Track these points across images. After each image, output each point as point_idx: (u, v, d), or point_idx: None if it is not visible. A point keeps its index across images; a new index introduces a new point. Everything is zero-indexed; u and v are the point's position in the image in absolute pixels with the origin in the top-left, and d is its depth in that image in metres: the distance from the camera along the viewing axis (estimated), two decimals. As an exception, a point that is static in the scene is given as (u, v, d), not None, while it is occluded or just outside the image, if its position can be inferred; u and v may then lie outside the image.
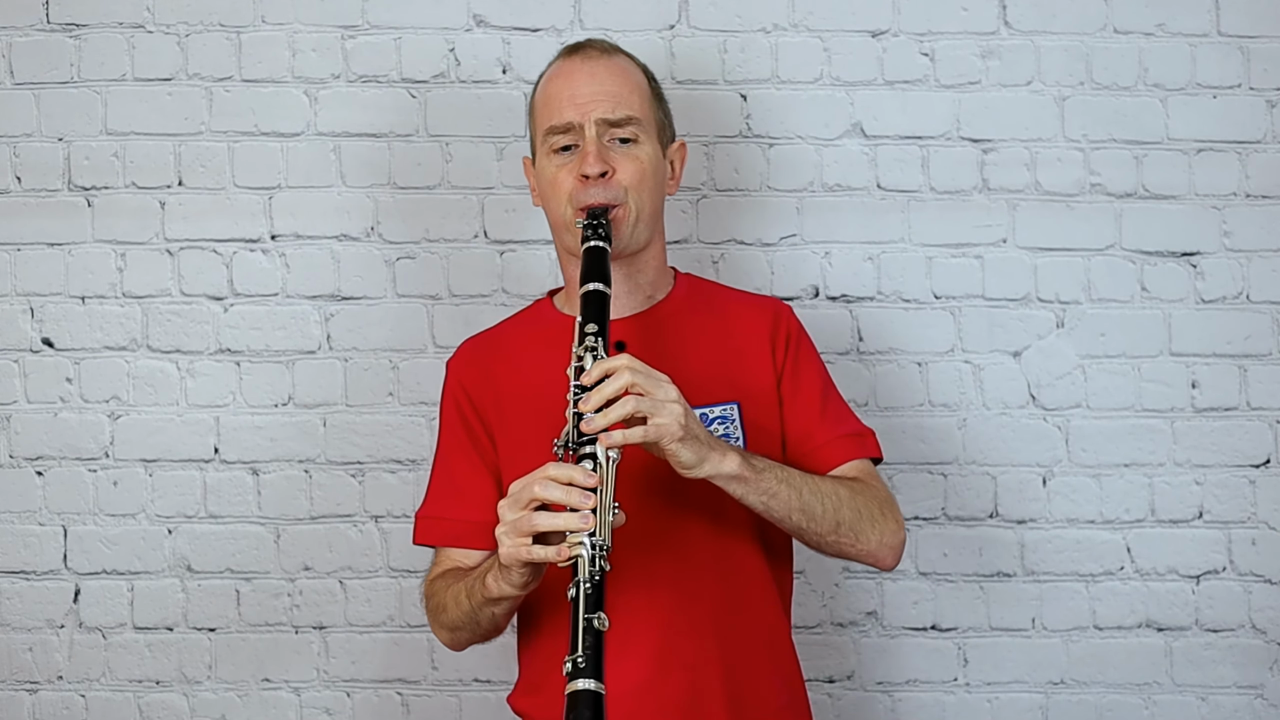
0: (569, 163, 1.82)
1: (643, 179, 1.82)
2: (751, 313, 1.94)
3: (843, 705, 2.47)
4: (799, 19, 2.51)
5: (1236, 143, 2.50)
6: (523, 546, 1.55)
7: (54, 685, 2.47)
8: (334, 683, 2.48)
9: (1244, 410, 2.50)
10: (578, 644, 1.45)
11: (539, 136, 1.86)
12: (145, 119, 2.49)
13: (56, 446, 2.48)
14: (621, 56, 1.88)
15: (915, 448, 2.49)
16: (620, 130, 1.81)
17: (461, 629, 1.80)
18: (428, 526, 1.91)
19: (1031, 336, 2.50)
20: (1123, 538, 2.50)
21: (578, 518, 1.51)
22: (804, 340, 1.95)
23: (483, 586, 1.68)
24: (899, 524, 1.82)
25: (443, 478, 1.92)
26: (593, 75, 1.82)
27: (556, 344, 1.85)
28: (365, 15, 2.50)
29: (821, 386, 1.92)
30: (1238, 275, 2.50)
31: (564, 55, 1.89)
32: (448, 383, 1.94)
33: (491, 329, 2.01)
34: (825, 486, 1.76)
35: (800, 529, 1.74)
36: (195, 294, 2.49)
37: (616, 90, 1.82)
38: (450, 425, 1.92)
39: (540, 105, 1.87)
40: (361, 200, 2.50)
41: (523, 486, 1.56)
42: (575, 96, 1.81)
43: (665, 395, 1.58)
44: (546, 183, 1.85)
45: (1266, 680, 2.49)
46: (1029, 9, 2.51)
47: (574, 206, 1.80)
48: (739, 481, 1.66)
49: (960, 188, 2.51)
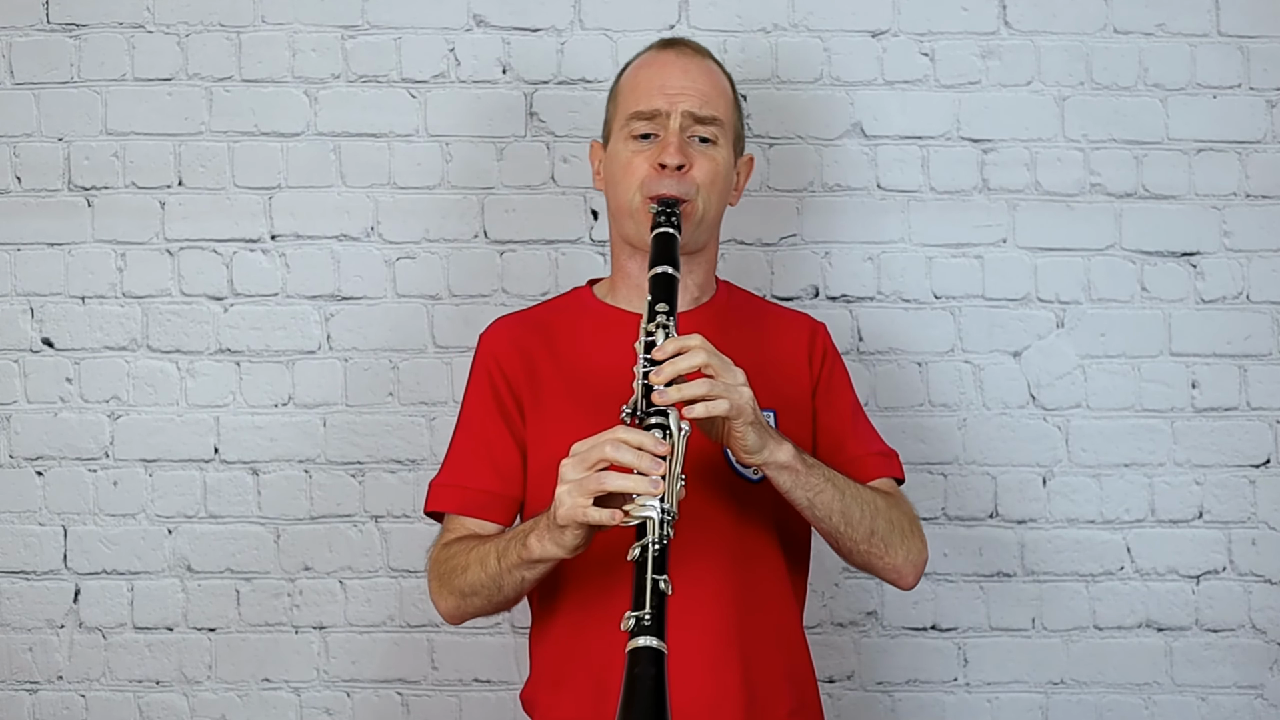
0: (646, 150, 1.81)
1: (715, 180, 1.83)
2: (789, 326, 1.96)
3: (843, 705, 2.47)
4: (799, 19, 2.51)
5: (1236, 143, 2.51)
6: (582, 508, 1.52)
7: (54, 685, 2.47)
8: (334, 683, 2.48)
9: (1244, 410, 2.50)
10: (644, 601, 1.43)
11: (619, 120, 1.86)
12: (145, 119, 2.49)
13: (56, 446, 2.48)
14: (712, 60, 1.89)
15: (915, 448, 2.49)
16: (703, 128, 1.82)
17: (477, 594, 1.74)
18: (445, 494, 1.86)
19: (1031, 336, 2.50)
20: (1123, 538, 2.50)
21: (648, 482, 1.50)
22: (839, 359, 1.97)
23: (521, 547, 1.63)
24: (924, 544, 1.85)
25: (466, 445, 1.87)
26: (686, 70, 1.83)
27: (598, 332, 1.86)
28: (365, 15, 2.50)
29: (854, 404, 1.96)
30: (1238, 275, 2.50)
31: (657, 47, 1.89)
32: (480, 353, 1.90)
33: (527, 310, 1.99)
34: (865, 494, 1.77)
35: (837, 531, 1.75)
36: (195, 294, 2.49)
37: (706, 89, 1.83)
38: (480, 394, 1.87)
39: (627, 90, 1.86)
40: (361, 200, 2.50)
41: (591, 446, 1.54)
42: (666, 86, 1.81)
43: (735, 379, 1.60)
44: (619, 166, 1.84)
45: (1266, 680, 2.49)
46: (1029, 9, 2.51)
47: (644, 194, 1.80)
48: (790, 472, 1.67)
49: (960, 188, 2.51)
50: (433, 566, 1.82)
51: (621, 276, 1.91)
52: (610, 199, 1.89)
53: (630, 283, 1.89)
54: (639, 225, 1.81)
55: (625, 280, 1.90)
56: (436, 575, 1.81)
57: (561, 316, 1.93)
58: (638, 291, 1.84)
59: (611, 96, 1.92)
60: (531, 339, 1.89)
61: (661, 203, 1.77)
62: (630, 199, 1.82)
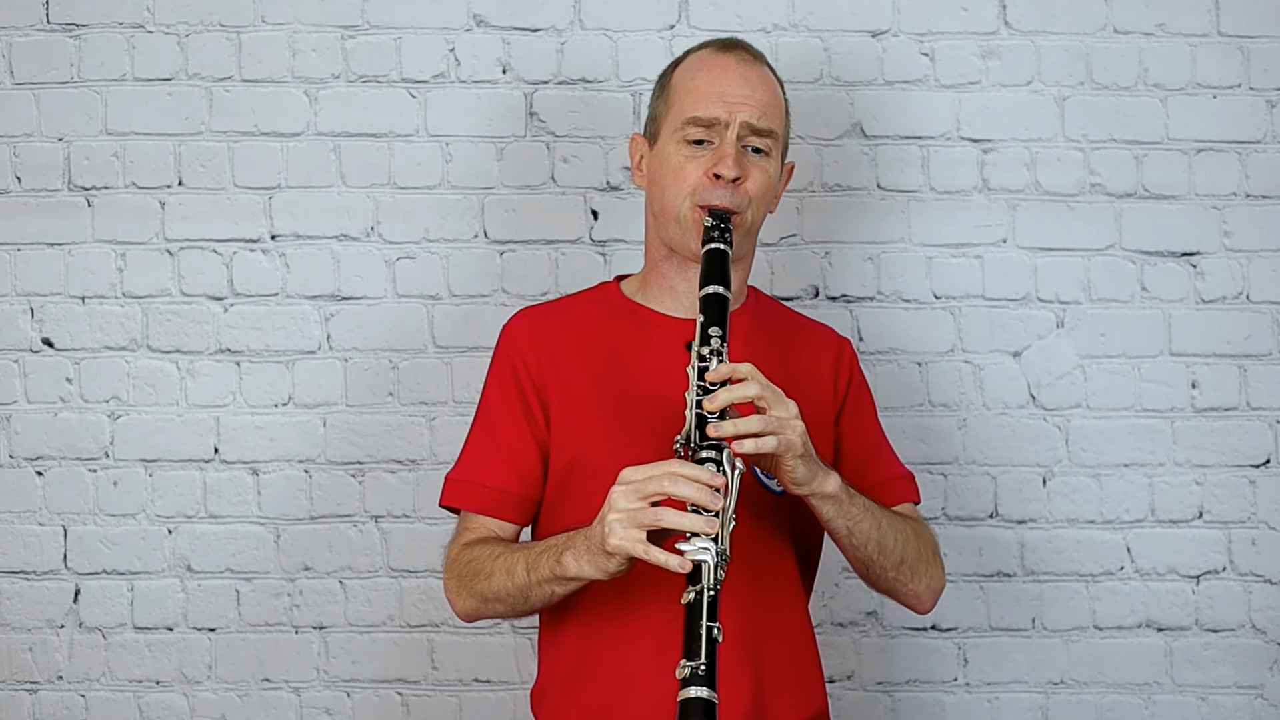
0: (700, 156, 1.77)
1: (765, 192, 1.80)
2: (816, 341, 1.94)
3: (843, 705, 2.47)
4: (799, 19, 2.51)
5: (1236, 143, 2.51)
6: (639, 542, 1.49)
7: (54, 685, 2.47)
8: (334, 683, 2.48)
9: (1244, 410, 2.50)
10: (698, 650, 1.43)
11: (672, 121, 1.81)
12: (145, 119, 2.49)
13: (56, 446, 2.48)
14: (769, 67, 1.85)
15: (915, 448, 2.49)
16: (758, 139, 1.78)
17: (501, 601, 1.72)
18: (461, 490, 1.82)
19: (1031, 336, 2.50)
20: (1123, 538, 2.50)
21: (704, 521, 1.48)
22: (864, 380, 1.97)
23: (554, 563, 1.60)
24: (943, 571, 1.87)
25: (485, 442, 1.83)
26: (745, 78, 1.79)
27: (628, 332, 1.84)
28: (365, 15, 2.50)
29: (877, 430, 1.96)
30: (1238, 275, 2.50)
31: (715, 49, 1.84)
32: (503, 345, 1.86)
33: (553, 303, 1.95)
34: (898, 523, 1.78)
35: (869, 559, 1.75)
36: (195, 294, 2.49)
37: (765, 100, 1.79)
38: (502, 388, 1.83)
39: (684, 92, 1.81)
40: (361, 200, 2.50)
41: (646, 477, 1.50)
42: (726, 94, 1.77)
43: (788, 412, 1.58)
44: (670, 170, 1.79)
45: (1266, 680, 2.49)
46: (1029, 9, 2.51)
47: (695, 201, 1.77)
48: (834, 502, 1.67)
49: (960, 188, 2.51)
50: (451, 565, 1.79)
51: (656, 276, 1.88)
52: (655, 199, 1.84)
53: (665, 284, 1.86)
54: (685, 231, 1.79)
55: (659, 281, 1.87)
56: (456, 574, 1.77)
57: (589, 312, 1.89)
58: (671, 294, 1.85)
59: (662, 93, 1.86)
60: (558, 334, 1.84)
61: (714, 215, 1.74)
62: (679, 205, 1.78)
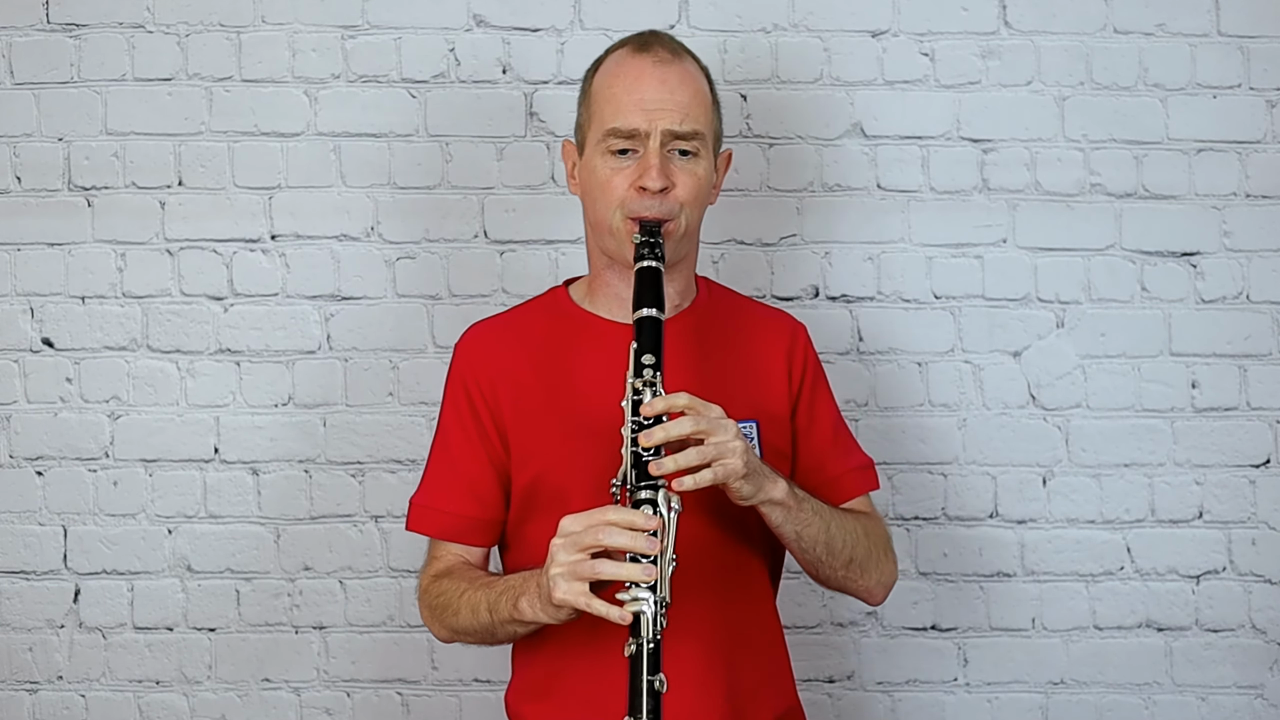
0: (625, 167, 1.74)
1: (697, 195, 1.77)
2: (770, 330, 1.92)
3: (843, 705, 2.47)
4: (799, 19, 2.51)
5: (1236, 143, 2.50)
6: (582, 595, 1.50)
7: (54, 685, 2.47)
8: (334, 683, 2.48)
9: (1244, 410, 2.50)
10: (640, 706, 1.45)
11: (594, 132, 1.78)
12: (145, 119, 2.49)
13: (56, 446, 2.48)
14: (689, 60, 1.80)
15: (915, 448, 2.49)
16: (684, 143, 1.74)
17: (470, 635, 1.74)
18: (425, 516, 1.83)
19: (1031, 336, 2.50)
20: (1123, 538, 2.50)
21: (641, 569, 1.48)
22: (820, 368, 1.95)
23: (511, 607, 1.62)
24: (895, 564, 1.87)
25: (443, 465, 1.84)
26: (664, 81, 1.74)
27: (580, 342, 1.83)
28: (365, 15, 2.50)
29: (834, 418, 1.94)
30: (1238, 275, 2.50)
31: (632, 50, 1.80)
32: (457, 366, 1.85)
33: (503, 315, 1.94)
34: (847, 523, 1.78)
35: (818, 560, 1.76)
36: (195, 294, 2.49)
37: (686, 101, 1.74)
38: (457, 411, 1.83)
39: (603, 101, 1.77)
40: (361, 200, 2.50)
41: (583, 529, 1.51)
42: (644, 102, 1.73)
43: (726, 435, 1.57)
44: (598, 183, 1.77)
45: (1266, 680, 2.49)
46: (1029, 9, 2.51)
47: (625, 214, 1.74)
48: (782, 508, 1.67)
49: (960, 188, 2.51)
50: (423, 596, 1.82)
51: (600, 284, 1.86)
52: (588, 210, 1.83)
53: (610, 292, 1.85)
54: (620, 243, 1.76)
55: (605, 289, 1.86)
56: (428, 606, 1.80)
57: (541, 322, 1.88)
58: (617, 301, 1.83)
59: (584, 99, 1.84)
60: (511, 350, 1.84)
61: (644, 229, 1.71)
62: (610, 217, 1.76)
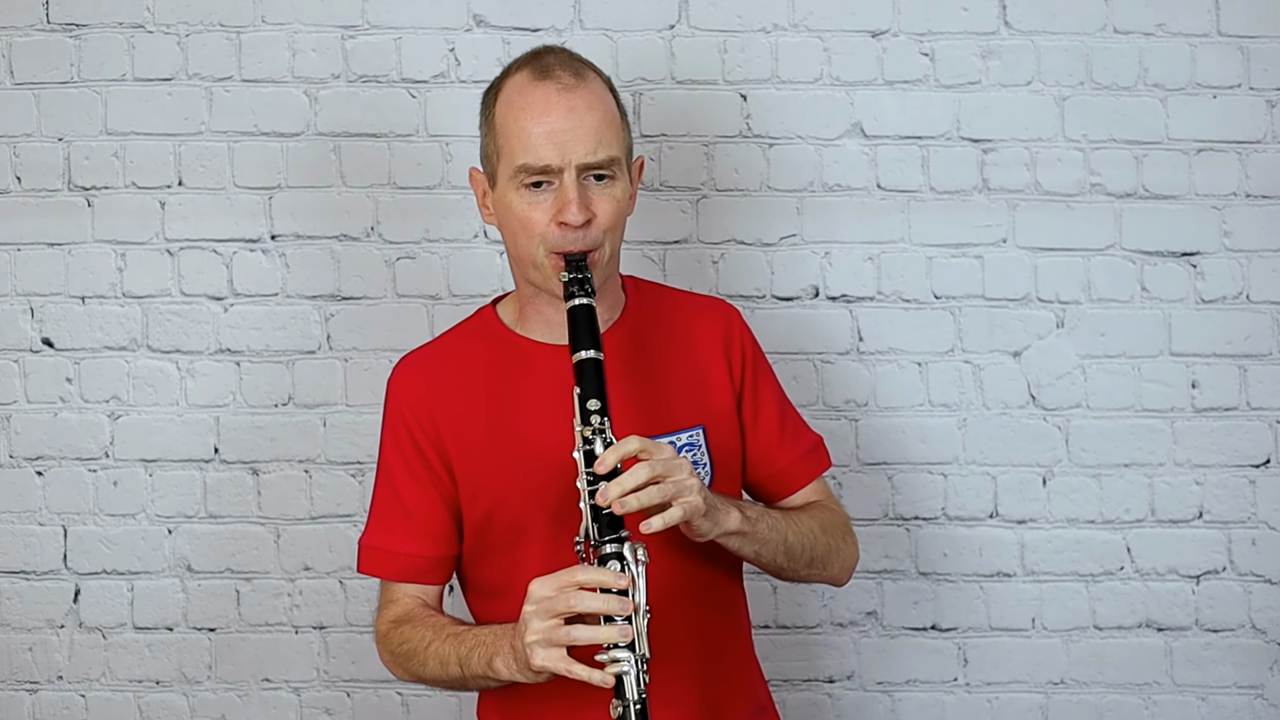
0: (543, 202, 1.68)
1: (618, 218, 1.72)
2: (703, 323, 1.87)
3: (843, 705, 2.47)
4: (799, 19, 2.51)
5: (1236, 143, 2.50)
6: (561, 661, 1.48)
7: (54, 685, 2.47)
8: (334, 683, 2.48)
9: (1244, 410, 2.50)
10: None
11: (505, 169, 1.70)
12: (145, 119, 2.49)
13: (56, 446, 2.48)
14: (591, 77, 1.72)
15: (915, 448, 2.49)
16: (599, 169, 1.68)
17: (439, 684, 1.72)
18: (376, 558, 1.79)
19: (1031, 336, 2.50)
20: (1123, 538, 2.50)
21: (617, 631, 1.47)
22: (758, 353, 1.90)
23: (486, 666, 1.60)
24: (856, 545, 1.87)
25: (391, 504, 1.79)
26: (571, 110, 1.67)
27: (515, 369, 1.78)
28: (365, 15, 2.50)
29: (778, 403, 1.90)
30: (1238, 275, 2.50)
31: (531, 76, 1.71)
32: (393, 402, 1.80)
33: (433, 344, 1.88)
34: (803, 525, 1.77)
35: (779, 568, 1.76)
36: (195, 294, 2.49)
37: (596, 127, 1.67)
38: (400, 451, 1.78)
39: (510, 135, 1.69)
40: (361, 200, 2.50)
41: (555, 594, 1.49)
42: (553, 135, 1.66)
43: (682, 475, 1.56)
44: (515, 219, 1.70)
45: (1266, 680, 2.49)
46: (1029, 9, 2.51)
47: (548, 248, 1.69)
48: (739, 536, 1.67)
49: (960, 188, 2.51)
50: (382, 641, 1.77)
51: (531, 310, 1.80)
52: (508, 243, 1.76)
53: (540, 317, 1.79)
54: (546, 277, 1.71)
55: (535, 315, 1.80)
56: (389, 652, 1.76)
57: (474, 349, 1.82)
58: (547, 326, 1.78)
59: (489, 130, 1.75)
60: (447, 381, 1.79)
61: (570, 265, 1.67)
62: (534, 253, 1.70)
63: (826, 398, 2.49)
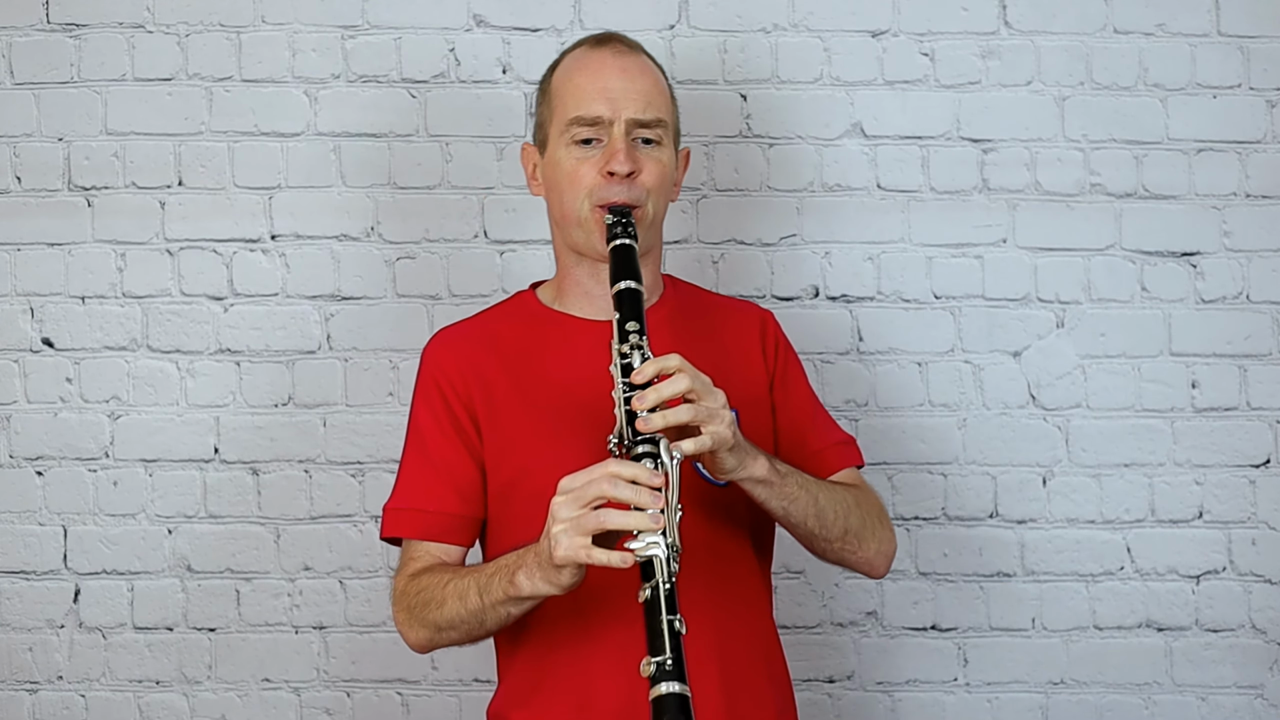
0: (591, 156, 1.75)
1: (662, 182, 1.78)
2: (739, 318, 1.92)
3: (843, 705, 2.47)
4: (799, 19, 2.51)
5: (1236, 143, 2.51)
6: (583, 548, 1.47)
7: (54, 685, 2.47)
8: (334, 683, 2.48)
9: (1244, 410, 2.50)
10: (662, 646, 1.42)
11: (558, 125, 1.78)
12: (145, 119, 2.49)
13: (56, 446, 2.48)
14: (646, 56, 1.83)
15: (915, 448, 2.49)
16: (647, 131, 1.76)
17: (455, 628, 1.70)
18: (403, 519, 1.79)
19: (1031, 336, 2.51)
20: (1123, 538, 2.50)
21: (648, 517, 1.46)
22: (790, 349, 1.94)
23: (508, 584, 1.58)
24: (893, 533, 1.85)
25: (421, 467, 1.80)
26: (625, 71, 1.77)
27: (550, 341, 1.82)
28: (365, 15, 2.50)
29: (810, 395, 1.94)
30: (1238, 275, 2.50)
31: (590, 46, 1.82)
32: (426, 369, 1.83)
33: (471, 319, 1.92)
34: (836, 493, 1.76)
35: (811, 534, 1.74)
36: (195, 294, 2.49)
37: (648, 89, 1.77)
38: (432, 411, 1.80)
39: (566, 94, 1.78)
40: (361, 200, 2.50)
41: (585, 483, 1.49)
42: (608, 90, 1.75)
43: (717, 402, 1.57)
44: (564, 174, 1.77)
45: (1266, 680, 2.49)
46: (1029, 9, 2.51)
47: (593, 202, 1.75)
48: (765, 485, 1.66)
49: (960, 188, 2.51)
50: (399, 598, 1.77)
51: (570, 283, 1.85)
52: (554, 206, 1.82)
53: (580, 290, 1.84)
54: (588, 234, 1.76)
55: (575, 287, 1.84)
56: (405, 607, 1.75)
57: (509, 325, 1.86)
58: (587, 299, 1.82)
59: (544, 98, 1.84)
60: (480, 351, 1.82)
61: (614, 211, 1.72)
62: (578, 208, 1.76)
63: (826, 398, 2.49)
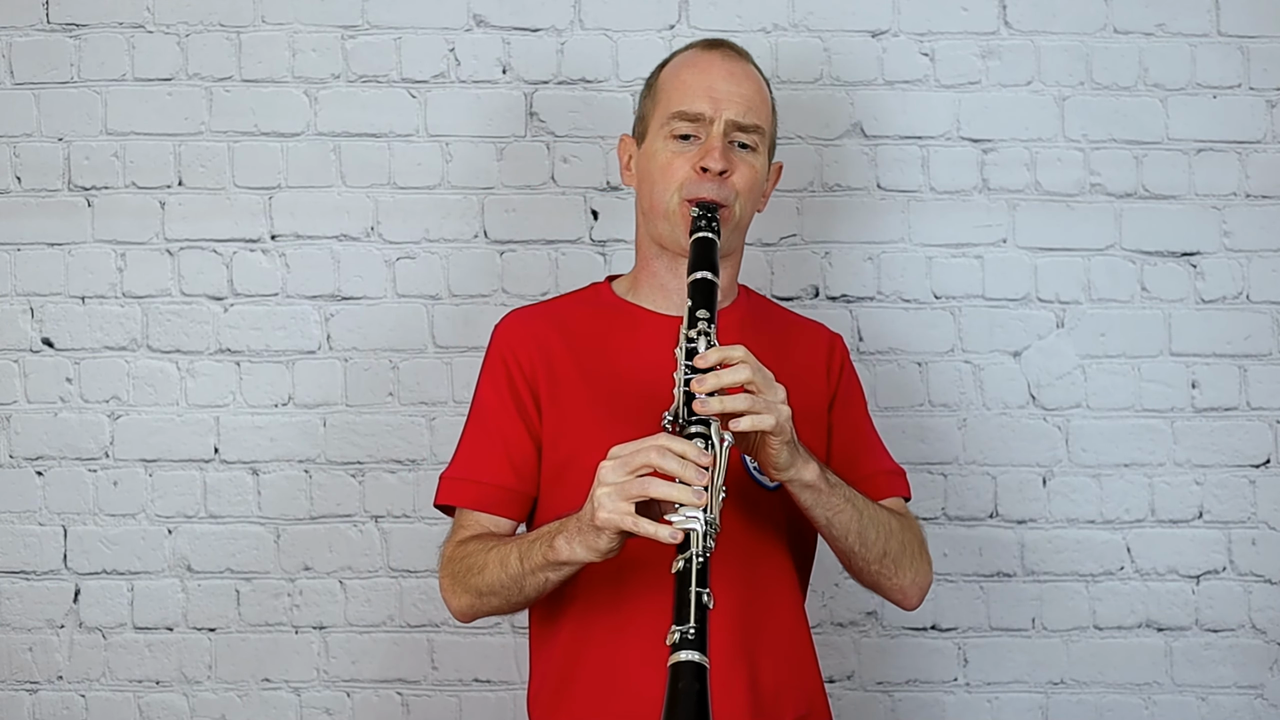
0: (687, 151, 1.80)
1: (752, 187, 1.82)
2: (809, 335, 1.96)
3: (843, 705, 2.47)
4: (799, 19, 2.51)
5: (1236, 143, 2.51)
6: (627, 515, 1.50)
7: (54, 685, 2.47)
8: (334, 683, 2.48)
9: (1244, 410, 2.50)
10: (687, 615, 1.43)
11: (658, 118, 1.83)
12: (145, 119, 2.49)
13: (56, 446, 2.48)
14: (754, 66, 1.88)
15: (915, 448, 2.49)
16: (744, 135, 1.81)
17: (495, 594, 1.71)
18: (458, 488, 1.82)
19: (1031, 336, 2.51)
20: (1123, 538, 2.50)
21: (691, 492, 1.48)
22: (855, 374, 1.97)
23: (548, 548, 1.61)
24: (930, 567, 1.86)
25: (480, 438, 1.83)
26: (731, 74, 1.82)
27: (620, 330, 1.84)
28: (365, 15, 2.50)
29: (868, 421, 1.96)
30: (1238, 275, 2.50)
31: (701, 48, 1.87)
32: (495, 343, 1.87)
33: (544, 303, 1.96)
34: (881, 515, 1.77)
35: (851, 551, 1.75)
36: (195, 294, 2.49)
37: (751, 95, 1.82)
38: (496, 386, 1.83)
39: (671, 88, 1.83)
40: (361, 200, 2.50)
41: (634, 450, 1.52)
42: (712, 89, 1.80)
43: (777, 396, 1.58)
44: (658, 166, 1.82)
45: (1266, 680, 2.49)
46: (1029, 9, 2.51)
47: (683, 196, 1.79)
48: (812, 491, 1.66)
49: (960, 188, 2.51)
50: (445, 564, 1.79)
51: (646, 275, 1.89)
52: (643, 197, 1.86)
53: (655, 282, 1.87)
54: (673, 227, 1.80)
55: (650, 279, 1.88)
56: (450, 573, 1.77)
57: (581, 311, 1.90)
58: (662, 292, 1.86)
59: (649, 92, 1.90)
60: (549, 333, 1.85)
61: (701, 206, 1.76)
62: (668, 200, 1.80)
63: (826, 398, 2.49)
